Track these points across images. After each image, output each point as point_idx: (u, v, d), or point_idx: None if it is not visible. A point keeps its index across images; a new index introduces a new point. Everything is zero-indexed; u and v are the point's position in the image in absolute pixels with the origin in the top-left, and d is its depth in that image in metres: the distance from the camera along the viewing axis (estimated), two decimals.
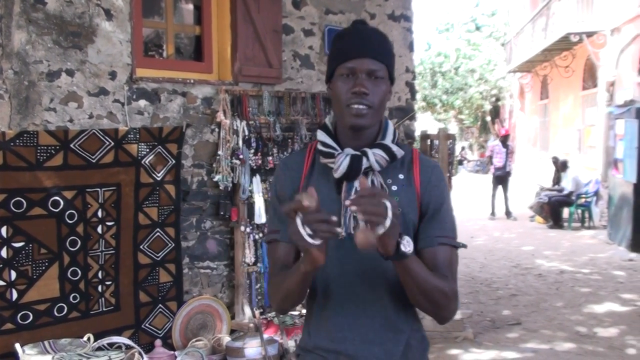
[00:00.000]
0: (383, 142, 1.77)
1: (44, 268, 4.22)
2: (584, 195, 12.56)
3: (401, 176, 1.78)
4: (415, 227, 1.76)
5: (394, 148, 1.76)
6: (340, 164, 1.70)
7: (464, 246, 1.92)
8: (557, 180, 13.68)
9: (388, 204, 1.47)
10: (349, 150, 1.73)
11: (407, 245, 1.56)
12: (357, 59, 1.69)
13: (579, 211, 12.68)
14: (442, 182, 1.82)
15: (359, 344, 1.73)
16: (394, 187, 1.75)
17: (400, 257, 1.56)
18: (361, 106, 1.69)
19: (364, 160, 1.71)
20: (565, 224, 12.46)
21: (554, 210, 12.54)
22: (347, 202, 1.49)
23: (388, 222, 1.45)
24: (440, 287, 1.67)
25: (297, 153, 1.93)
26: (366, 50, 1.70)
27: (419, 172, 1.79)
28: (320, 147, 1.78)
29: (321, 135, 1.80)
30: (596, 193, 12.54)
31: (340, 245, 1.71)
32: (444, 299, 1.69)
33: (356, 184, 1.72)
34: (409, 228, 1.74)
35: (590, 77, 16.36)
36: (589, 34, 14.89)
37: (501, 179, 13.79)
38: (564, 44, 16.25)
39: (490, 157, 14.41)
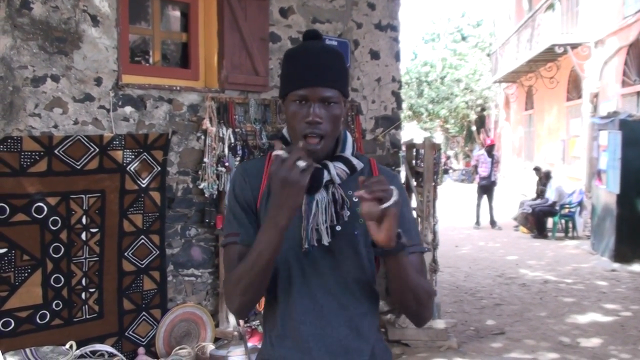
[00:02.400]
0: (343, 154, 1.78)
1: (26, 275, 4.19)
2: (567, 206, 12.65)
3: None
4: None
5: (354, 161, 1.78)
6: None
7: (428, 250, 1.96)
8: (540, 190, 13.76)
9: (394, 187, 1.53)
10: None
11: (404, 237, 1.59)
12: (310, 88, 1.68)
13: (563, 221, 12.76)
14: (401, 190, 1.83)
15: (324, 354, 1.72)
16: (355, 199, 1.74)
17: (400, 247, 1.58)
18: (314, 137, 1.69)
19: (325, 173, 1.71)
20: (549, 234, 12.53)
21: (538, 220, 12.61)
22: (357, 193, 1.53)
23: (393, 199, 1.50)
24: (424, 285, 1.72)
25: (256, 160, 1.91)
26: (318, 77, 1.68)
27: None
28: None
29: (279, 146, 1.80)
30: (580, 203, 12.63)
31: (304, 256, 1.72)
32: (427, 298, 1.72)
33: (317, 196, 1.72)
34: (369, 237, 1.73)
35: (574, 88, 16.50)
36: (574, 46, 15.03)
37: (486, 188, 13.85)
38: (549, 55, 16.38)
39: (476, 167, 14.48)
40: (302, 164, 1.50)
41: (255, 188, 1.79)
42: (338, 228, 1.72)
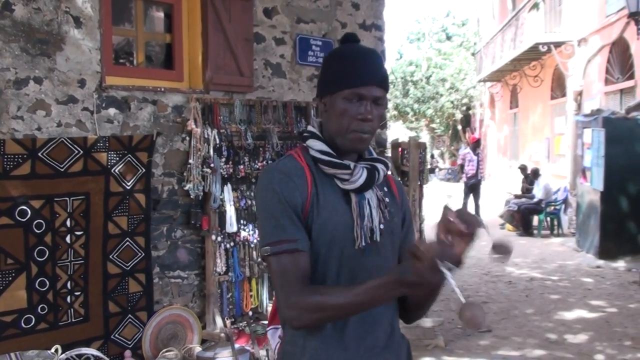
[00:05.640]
0: (375, 156, 1.85)
1: (10, 279, 4.15)
2: (553, 203, 12.72)
3: (386, 189, 1.86)
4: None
5: (387, 163, 1.86)
6: (360, 177, 1.73)
7: None
8: (525, 188, 13.81)
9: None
10: (360, 163, 1.78)
11: (447, 273, 1.49)
12: (367, 87, 1.72)
13: (548, 219, 12.83)
14: (403, 196, 1.95)
15: (371, 350, 1.75)
16: (387, 199, 1.82)
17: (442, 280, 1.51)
18: (364, 134, 1.74)
19: (376, 174, 1.78)
20: (535, 232, 12.59)
21: (524, 218, 12.67)
22: (462, 227, 1.50)
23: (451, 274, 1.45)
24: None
25: (288, 160, 1.80)
26: (375, 78, 1.73)
27: (395, 186, 1.91)
28: (320, 156, 1.75)
29: (319, 145, 1.78)
30: (565, 201, 12.70)
31: (353, 255, 1.72)
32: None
33: (367, 195, 1.76)
34: (396, 240, 1.85)
35: (558, 86, 16.60)
36: (557, 45, 15.12)
37: (473, 187, 13.82)
38: (533, 54, 16.47)
39: (462, 166, 14.38)
40: (446, 272, 1.42)
41: (303, 190, 1.71)
42: (381, 226, 1.77)
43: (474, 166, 13.80)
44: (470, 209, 13.70)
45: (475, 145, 14.42)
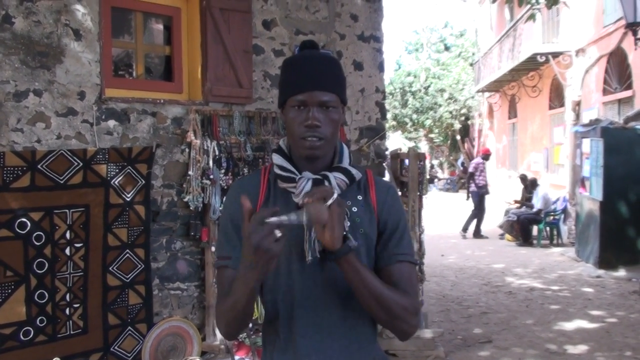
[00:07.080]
0: (341, 165, 1.79)
1: (9, 291, 4.14)
2: (552, 213, 12.73)
3: (359, 197, 1.80)
4: (374, 247, 1.79)
5: (353, 171, 1.78)
6: (302, 189, 1.70)
7: (419, 263, 1.96)
8: (525, 198, 13.81)
9: (334, 189, 1.61)
10: (309, 174, 1.73)
11: (352, 240, 1.60)
12: (308, 92, 1.69)
13: (548, 229, 12.83)
14: (397, 202, 1.85)
15: None
16: (354, 209, 1.76)
17: (347, 249, 1.58)
18: (314, 139, 1.70)
19: (326, 184, 1.71)
20: (535, 242, 12.59)
21: (524, 228, 12.67)
22: (299, 200, 1.62)
23: (335, 195, 1.55)
24: (397, 299, 1.68)
25: (251, 176, 1.89)
26: (316, 82, 1.70)
27: (375, 193, 1.82)
28: (278, 171, 1.77)
29: (278, 159, 1.80)
30: (564, 211, 12.71)
31: (305, 269, 1.71)
32: (402, 312, 1.69)
33: None
34: (370, 248, 1.76)
35: (556, 96, 16.64)
36: (555, 55, 15.17)
37: (483, 197, 13.84)
38: (531, 64, 16.52)
39: (472, 174, 14.20)
40: (278, 233, 1.48)
41: (251, 205, 1.76)
42: None
43: (485, 176, 13.89)
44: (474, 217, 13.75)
45: (486, 156, 14.56)
